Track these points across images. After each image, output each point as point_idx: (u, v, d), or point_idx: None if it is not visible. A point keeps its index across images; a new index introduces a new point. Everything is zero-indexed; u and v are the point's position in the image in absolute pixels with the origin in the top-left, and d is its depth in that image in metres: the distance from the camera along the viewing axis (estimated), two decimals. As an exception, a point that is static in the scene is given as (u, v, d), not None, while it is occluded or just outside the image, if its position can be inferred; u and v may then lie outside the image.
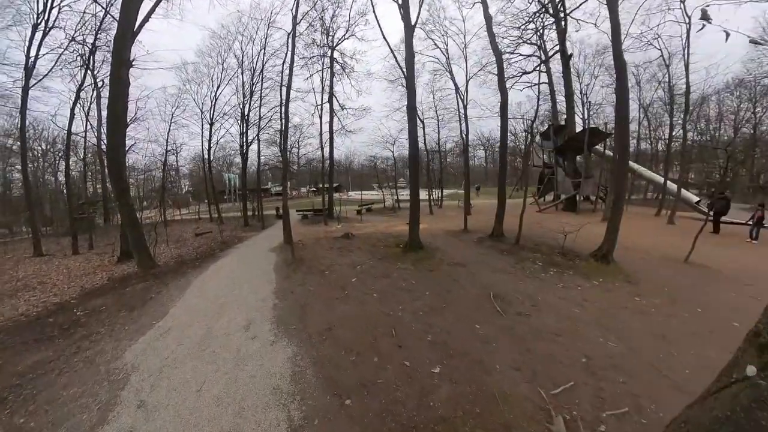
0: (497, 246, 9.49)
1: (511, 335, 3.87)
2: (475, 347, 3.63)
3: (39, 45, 14.95)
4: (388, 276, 6.46)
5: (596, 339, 3.74)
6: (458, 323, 4.27)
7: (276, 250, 9.50)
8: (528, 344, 3.65)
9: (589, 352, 3.45)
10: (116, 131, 7.21)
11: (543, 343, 3.68)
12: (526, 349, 3.53)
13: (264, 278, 6.54)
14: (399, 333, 4.03)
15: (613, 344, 3.65)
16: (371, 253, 8.42)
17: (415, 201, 8.64)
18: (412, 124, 8.23)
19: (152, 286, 6.64)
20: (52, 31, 15.17)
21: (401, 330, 4.11)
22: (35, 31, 14.95)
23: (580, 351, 3.46)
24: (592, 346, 3.59)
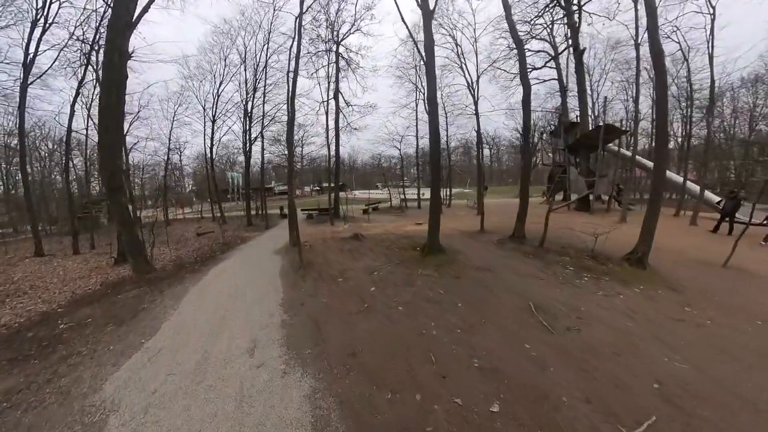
0: (520, 248, 8.80)
1: (567, 356, 3.30)
2: (531, 374, 3.01)
3: (38, 41, 14.30)
4: (411, 284, 5.72)
5: (659, 358, 3.29)
6: (504, 343, 3.61)
7: (281, 252, 8.79)
8: (589, 367, 3.10)
9: (658, 374, 2.99)
10: (109, 124, 6.50)
11: (605, 364, 3.15)
12: (588, 374, 2.99)
13: (269, 286, 5.81)
14: (439, 358, 3.32)
15: (680, 364, 3.18)
16: (386, 256, 7.69)
17: (435, 201, 7.89)
18: (433, 116, 7.48)
19: (146, 294, 5.94)
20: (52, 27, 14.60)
21: (441, 354, 3.40)
22: (34, 28, 14.30)
23: (648, 373, 3.01)
24: (658, 367, 3.14)
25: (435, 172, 7.80)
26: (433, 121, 7.52)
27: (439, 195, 8.04)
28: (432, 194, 7.87)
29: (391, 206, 19.61)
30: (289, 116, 8.99)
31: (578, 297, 4.94)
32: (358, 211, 17.95)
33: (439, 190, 7.97)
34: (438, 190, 7.90)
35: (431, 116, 7.54)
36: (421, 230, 11.96)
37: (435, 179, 7.79)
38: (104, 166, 6.40)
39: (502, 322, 4.11)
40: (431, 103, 7.56)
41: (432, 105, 7.53)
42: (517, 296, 4.98)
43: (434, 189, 7.79)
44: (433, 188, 7.78)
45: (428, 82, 7.60)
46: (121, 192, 6.58)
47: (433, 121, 7.52)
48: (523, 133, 10.24)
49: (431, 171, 7.96)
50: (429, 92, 7.57)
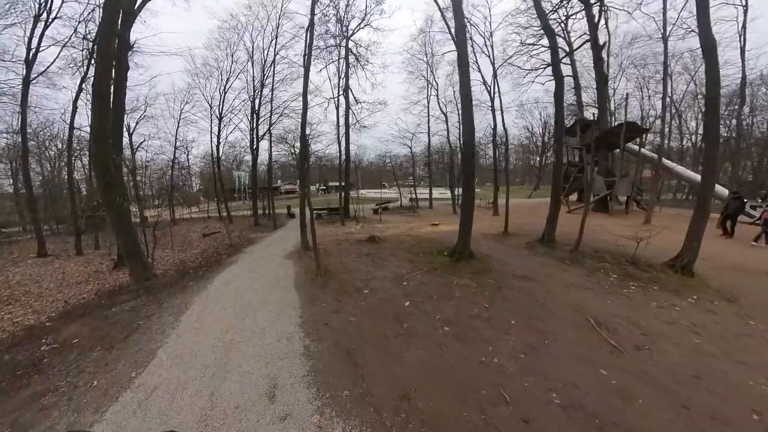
0: (553, 253, 8.00)
1: (650, 382, 2.87)
2: (621, 409, 2.50)
3: (40, 37, 13.57)
4: (450, 296, 4.90)
5: (744, 381, 2.90)
6: (578, 369, 3.04)
7: (293, 256, 7.94)
8: (676, 395, 2.70)
9: (751, 402, 2.62)
10: (102, 115, 5.68)
11: (692, 391, 2.76)
12: (678, 404, 2.58)
13: (283, 299, 4.96)
14: (512, 395, 2.62)
15: (768, 388, 2.72)
16: (411, 262, 6.83)
17: (469, 202, 7.02)
18: (467, 108, 6.62)
19: (143, 307, 5.11)
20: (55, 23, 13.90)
21: (513, 389, 2.71)
22: (37, 23, 13.59)
23: (740, 401, 2.64)
24: (748, 392, 2.76)
25: (467, 168, 6.93)
26: (467, 114, 6.67)
27: (473, 195, 7.17)
28: (465, 194, 7.00)
29: (401, 206, 18.73)
30: (304, 105, 8.13)
31: (633, 309, 4.47)
32: (368, 210, 17.10)
33: (473, 190, 7.10)
34: (472, 190, 7.03)
35: (465, 108, 6.69)
36: (440, 232, 11.11)
37: (468, 177, 6.93)
38: (98, 159, 5.57)
39: (567, 342, 3.56)
40: (465, 95, 6.69)
41: (465, 96, 6.67)
42: (570, 310, 4.41)
43: (468, 188, 6.92)
44: (467, 187, 6.92)
45: (460, 72, 6.73)
46: (117, 190, 5.75)
47: (467, 113, 6.66)
48: (556, 130, 9.33)
49: (463, 168, 7.09)
50: (462, 81, 6.70)
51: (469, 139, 6.78)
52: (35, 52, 13.41)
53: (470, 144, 6.85)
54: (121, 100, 9.06)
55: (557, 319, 4.14)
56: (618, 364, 3.15)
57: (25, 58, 13.33)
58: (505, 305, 4.65)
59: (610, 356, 3.30)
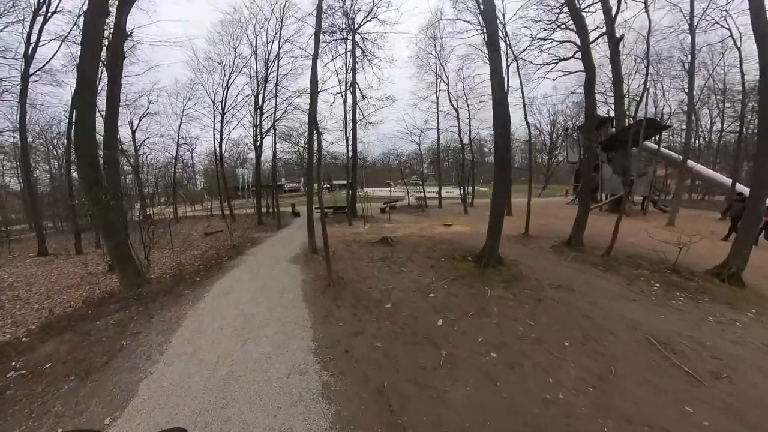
0: (584, 258, 7.34)
1: (746, 424, 2.31)
2: None
3: (39, 32, 12.87)
4: (486, 312, 4.20)
5: None
6: (657, 405, 2.53)
7: (299, 260, 7.22)
8: None
9: None
10: (86, 101, 4.97)
11: None
12: None
13: (291, 315, 4.23)
14: None
15: None
16: (433, 268, 6.10)
17: (500, 202, 6.28)
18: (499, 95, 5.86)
19: (130, 321, 4.41)
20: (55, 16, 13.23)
21: None
22: (36, 17, 12.92)
23: None
24: None
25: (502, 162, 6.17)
26: (500, 102, 5.91)
27: (504, 194, 6.41)
28: (496, 193, 6.25)
29: (408, 205, 17.97)
30: (312, 90, 7.39)
31: (691, 325, 3.97)
32: (374, 209, 16.36)
33: (505, 189, 6.35)
34: (504, 189, 6.29)
35: (497, 95, 5.92)
36: (455, 233, 10.38)
37: (501, 174, 6.18)
38: (81, 152, 4.86)
39: (634, 369, 3.01)
40: (498, 82, 5.94)
41: (499, 84, 5.93)
42: (624, 326, 3.87)
43: (500, 186, 6.18)
44: (499, 185, 6.17)
45: (492, 55, 5.96)
46: (103, 186, 5.03)
47: (500, 101, 5.91)
48: (586, 125, 8.55)
49: (497, 163, 6.33)
50: (494, 66, 5.95)
51: (503, 131, 6.03)
52: (34, 47, 12.78)
53: (505, 135, 6.10)
54: (116, 91, 8.35)
55: (614, 339, 3.53)
56: (700, 397, 2.64)
57: (24, 53, 12.74)
58: (551, 322, 3.99)
59: (688, 387, 2.77)
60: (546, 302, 4.64)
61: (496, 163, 6.40)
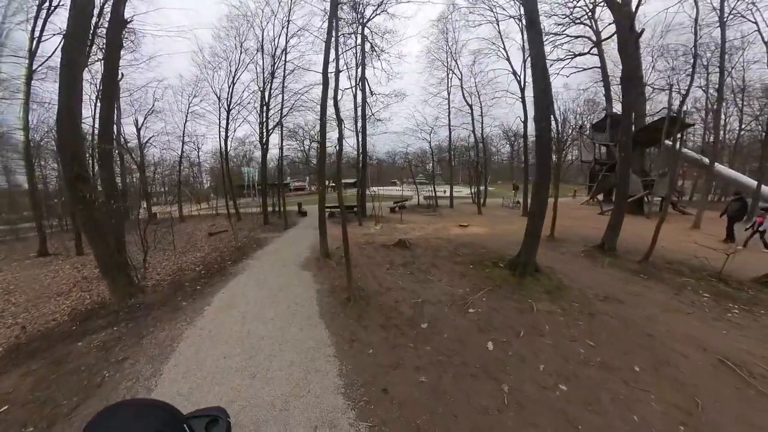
0: (621, 264, 6.72)
1: None
2: None
3: (42, 26, 12.15)
4: (539, 329, 3.57)
5: None
6: None
7: (310, 265, 6.43)
8: None
9: None
10: (71, 86, 4.21)
11: None
12: None
13: (309, 339, 3.42)
14: None
15: None
16: (463, 276, 5.31)
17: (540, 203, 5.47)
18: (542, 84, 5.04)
19: (117, 343, 3.64)
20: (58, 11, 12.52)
21: None
22: (40, 11, 12.23)
23: None
24: None
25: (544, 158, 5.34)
26: (541, 90, 5.09)
27: (545, 196, 5.59)
28: (537, 194, 5.43)
29: (418, 204, 17.15)
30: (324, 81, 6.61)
31: (757, 342, 3.46)
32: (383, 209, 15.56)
33: (546, 189, 5.52)
34: (545, 189, 5.47)
35: (541, 84, 5.09)
36: (473, 235, 9.55)
37: (543, 172, 5.37)
38: (62, 143, 4.10)
39: (720, 399, 2.52)
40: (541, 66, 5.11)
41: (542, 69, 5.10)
42: (692, 346, 3.36)
43: (541, 186, 5.36)
44: (540, 185, 5.36)
45: (532, 38, 5.12)
46: (88, 182, 4.27)
47: (542, 89, 5.08)
48: (624, 119, 7.71)
49: (538, 160, 5.50)
50: (534, 50, 5.13)
51: (547, 124, 5.20)
52: (37, 42, 12.08)
53: (549, 129, 5.27)
54: (113, 81, 7.60)
55: (686, 362, 3.04)
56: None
57: (29, 49, 12.05)
58: (611, 341, 3.39)
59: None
60: (599, 317, 4.01)
61: (538, 160, 5.58)
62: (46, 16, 12.25)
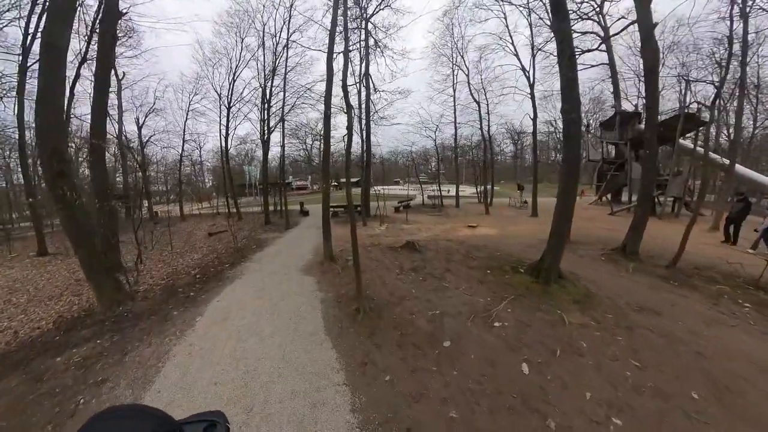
0: (647, 270, 6.29)
1: None
2: None
3: (37, 22, 11.65)
4: (576, 349, 3.14)
5: None
6: None
7: (313, 270, 5.97)
8: None
9: None
10: (52, 73, 3.76)
11: None
12: None
13: (314, 362, 2.93)
14: None
15: None
16: (482, 283, 4.84)
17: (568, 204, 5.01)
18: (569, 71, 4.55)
19: (98, 359, 3.20)
20: None
21: None
22: (35, 6, 11.76)
23: None
24: None
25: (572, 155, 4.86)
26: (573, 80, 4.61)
27: (572, 196, 5.10)
28: (562, 194, 4.94)
29: (423, 204, 16.67)
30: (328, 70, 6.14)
31: None
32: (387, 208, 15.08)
33: (573, 189, 5.04)
34: (572, 189, 4.98)
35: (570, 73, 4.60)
36: (484, 236, 9.04)
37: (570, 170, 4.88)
38: (42, 137, 3.64)
39: None
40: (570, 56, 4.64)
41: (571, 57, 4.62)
42: (750, 367, 2.93)
43: (568, 186, 4.87)
44: (567, 185, 4.87)
45: (556, 24, 4.63)
46: (69, 178, 3.81)
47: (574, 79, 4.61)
48: (649, 114, 7.20)
49: (565, 157, 5.01)
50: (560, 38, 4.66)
51: (575, 116, 4.72)
52: (32, 39, 11.62)
53: (576, 121, 4.78)
54: (105, 74, 7.16)
55: (750, 387, 2.59)
56: None
57: (22, 43, 11.61)
58: (659, 361, 2.97)
59: None
60: (638, 331, 3.57)
61: (565, 156, 5.08)
62: (41, 11, 11.81)
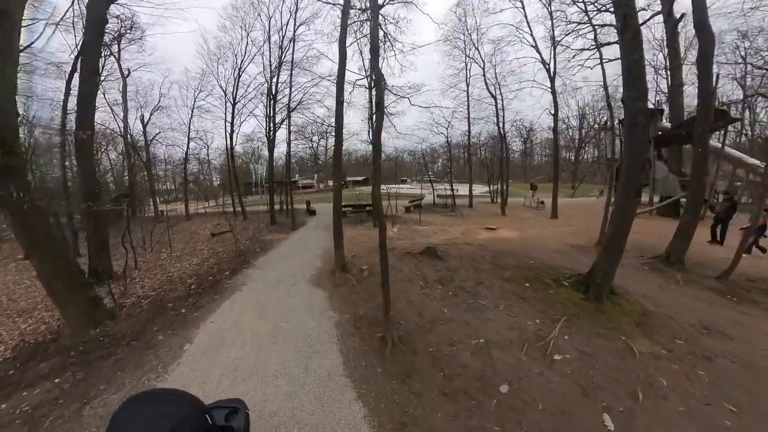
0: (697, 281, 5.42)
1: None
2: None
3: None
4: (659, 389, 2.53)
5: None
6: None
7: (324, 281, 5.14)
8: None
9: None
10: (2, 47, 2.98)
11: None
12: None
13: (332, 424, 2.13)
14: None
15: None
16: (522, 300, 4.00)
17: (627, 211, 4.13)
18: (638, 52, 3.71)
19: (51, 409, 2.41)
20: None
21: None
22: None
23: None
24: None
25: (636, 150, 3.99)
26: (637, 62, 3.75)
27: (634, 200, 4.22)
28: (623, 198, 4.05)
29: (434, 203, 15.80)
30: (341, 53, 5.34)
31: None
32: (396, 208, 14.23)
33: (636, 191, 4.15)
34: (635, 191, 4.10)
35: (631, 53, 3.75)
36: (506, 240, 8.11)
37: (632, 168, 4.00)
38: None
39: None
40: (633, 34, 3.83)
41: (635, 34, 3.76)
42: None
43: (630, 188, 3.99)
44: (629, 185, 3.99)
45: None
46: (21, 175, 3.03)
47: (638, 62, 3.74)
48: (700, 109, 6.30)
49: (628, 153, 4.12)
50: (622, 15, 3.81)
51: (642, 105, 3.86)
52: None
53: (643, 112, 3.91)
54: (93, 60, 6.41)
55: None
56: None
57: None
58: (754, 404, 2.32)
59: None
60: (718, 362, 2.91)
61: (628, 153, 4.19)
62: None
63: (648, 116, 13.88)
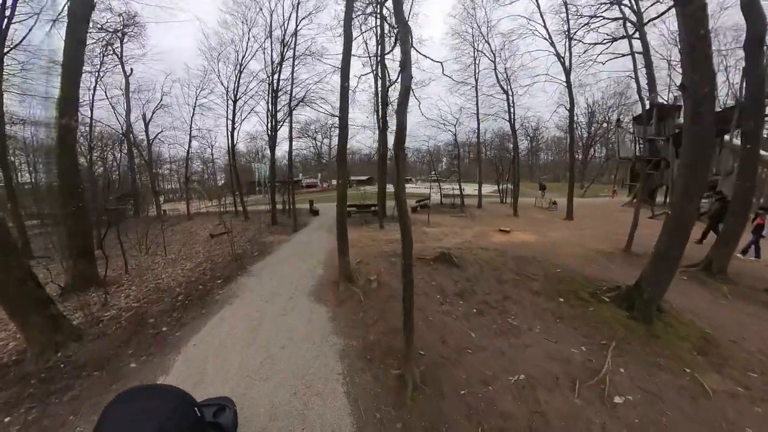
0: (744, 294, 4.86)
1: None
2: None
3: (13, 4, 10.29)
4: None
5: None
6: None
7: (327, 296, 4.48)
8: None
9: None
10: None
11: None
12: None
13: None
14: None
15: None
16: (558, 318, 3.40)
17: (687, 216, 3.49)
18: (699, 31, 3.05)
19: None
20: None
21: None
22: None
23: None
24: None
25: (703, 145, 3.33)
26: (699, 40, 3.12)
27: (696, 203, 3.56)
28: (683, 200, 3.38)
29: (441, 203, 15.13)
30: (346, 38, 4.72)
31: None
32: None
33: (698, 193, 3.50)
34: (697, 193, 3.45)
35: (693, 29, 3.09)
36: (524, 244, 7.33)
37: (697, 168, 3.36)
38: None
39: None
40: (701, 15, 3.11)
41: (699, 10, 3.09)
42: None
43: (692, 189, 3.33)
44: (692, 185, 3.33)
45: None
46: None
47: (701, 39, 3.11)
48: (750, 94, 5.60)
49: (693, 146, 3.43)
50: None
51: (710, 90, 3.20)
52: (8, 21, 10.32)
53: (710, 100, 3.24)
54: (76, 45, 5.84)
55: None
56: None
57: None
58: None
59: None
60: None
61: (691, 146, 3.49)
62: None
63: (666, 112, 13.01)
